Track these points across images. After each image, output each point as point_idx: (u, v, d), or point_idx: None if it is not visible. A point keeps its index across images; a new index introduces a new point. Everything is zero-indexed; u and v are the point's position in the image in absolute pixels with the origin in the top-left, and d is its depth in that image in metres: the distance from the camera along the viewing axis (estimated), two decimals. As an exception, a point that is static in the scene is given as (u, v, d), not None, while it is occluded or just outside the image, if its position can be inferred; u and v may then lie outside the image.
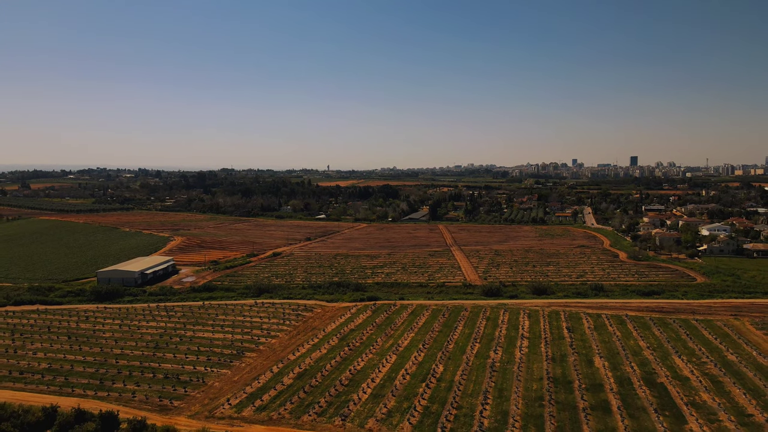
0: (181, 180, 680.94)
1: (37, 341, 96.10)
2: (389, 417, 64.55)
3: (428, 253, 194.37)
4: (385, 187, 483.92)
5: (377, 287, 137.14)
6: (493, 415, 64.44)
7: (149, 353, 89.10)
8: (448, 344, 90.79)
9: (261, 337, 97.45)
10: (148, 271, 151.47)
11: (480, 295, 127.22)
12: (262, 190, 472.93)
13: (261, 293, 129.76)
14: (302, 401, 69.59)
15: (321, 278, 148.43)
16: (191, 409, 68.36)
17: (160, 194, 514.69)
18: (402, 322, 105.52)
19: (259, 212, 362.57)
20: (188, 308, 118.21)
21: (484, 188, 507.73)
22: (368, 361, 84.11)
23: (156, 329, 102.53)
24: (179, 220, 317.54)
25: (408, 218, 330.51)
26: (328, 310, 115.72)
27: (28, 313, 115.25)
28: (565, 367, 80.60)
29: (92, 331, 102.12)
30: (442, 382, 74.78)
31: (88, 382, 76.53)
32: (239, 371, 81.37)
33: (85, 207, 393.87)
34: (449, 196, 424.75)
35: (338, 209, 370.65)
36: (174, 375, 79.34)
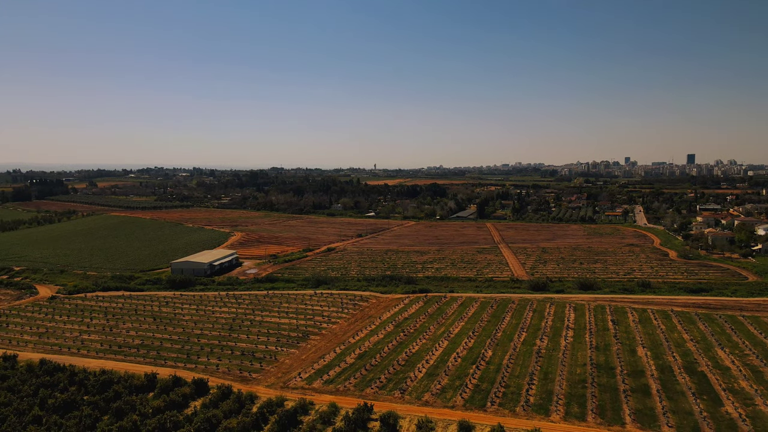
0: (234, 179, 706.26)
1: (127, 322, 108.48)
2: (443, 392, 71.85)
3: (476, 250, 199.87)
4: (433, 185, 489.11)
5: (428, 281, 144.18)
6: (539, 394, 70.65)
7: (225, 334, 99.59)
8: (496, 332, 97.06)
9: (322, 322, 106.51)
10: (215, 263, 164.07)
11: (527, 289, 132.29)
12: (312, 188, 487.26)
13: (319, 284, 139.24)
14: (364, 377, 77.79)
15: (374, 272, 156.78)
16: (268, 380, 77.71)
17: (216, 192, 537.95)
18: (452, 312, 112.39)
19: (311, 210, 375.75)
20: (254, 296, 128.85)
21: (532, 187, 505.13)
22: (422, 345, 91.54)
23: (228, 314, 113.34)
24: (236, 216, 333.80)
25: (456, 216, 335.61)
26: (382, 301, 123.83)
27: (116, 298, 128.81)
28: (608, 355, 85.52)
29: (173, 314, 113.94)
30: (491, 365, 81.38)
31: (177, 356, 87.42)
32: (306, 351, 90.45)
33: (149, 204, 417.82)
34: (496, 195, 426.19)
35: (387, 207, 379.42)
36: (249, 352, 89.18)
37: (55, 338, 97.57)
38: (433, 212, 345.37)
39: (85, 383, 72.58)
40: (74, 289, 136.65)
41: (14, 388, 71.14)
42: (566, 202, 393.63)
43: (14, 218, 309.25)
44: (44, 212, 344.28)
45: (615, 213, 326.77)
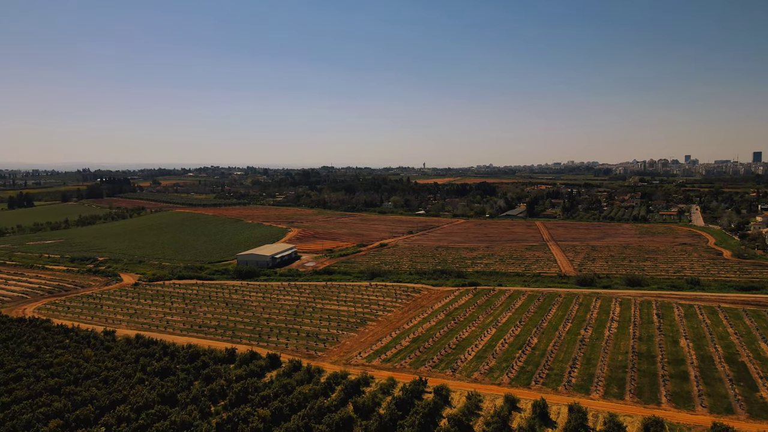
0: (287, 177, 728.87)
1: (203, 306, 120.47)
2: (491, 372, 78.71)
3: (525, 247, 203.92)
4: (482, 184, 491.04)
5: (477, 275, 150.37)
6: (580, 376, 76.38)
7: (291, 318, 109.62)
8: (542, 323, 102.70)
9: (378, 310, 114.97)
10: (277, 256, 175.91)
11: (574, 284, 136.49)
12: (363, 186, 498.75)
13: (373, 277, 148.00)
14: (418, 358, 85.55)
15: (425, 266, 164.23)
16: (331, 358, 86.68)
17: (270, 190, 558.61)
18: (500, 303, 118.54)
19: (363, 207, 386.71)
20: (314, 286, 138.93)
21: (584, 186, 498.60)
22: (471, 332, 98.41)
23: (292, 301, 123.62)
24: (291, 214, 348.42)
25: (505, 215, 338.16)
26: (433, 293, 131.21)
27: (190, 286, 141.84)
28: (650, 345, 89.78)
29: (242, 300, 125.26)
30: (536, 350, 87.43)
31: (250, 336, 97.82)
32: (364, 335, 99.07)
33: (209, 201, 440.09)
34: (547, 194, 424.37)
35: (437, 205, 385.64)
36: (314, 334, 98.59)
37: (143, 318, 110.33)
38: (483, 211, 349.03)
39: (176, 354, 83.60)
40: (153, 277, 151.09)
41: (118, 356, 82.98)
42: (619, 202, 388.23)
43: (90, 214, 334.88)
44: (116, 209, 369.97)
45: (670, 212, 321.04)
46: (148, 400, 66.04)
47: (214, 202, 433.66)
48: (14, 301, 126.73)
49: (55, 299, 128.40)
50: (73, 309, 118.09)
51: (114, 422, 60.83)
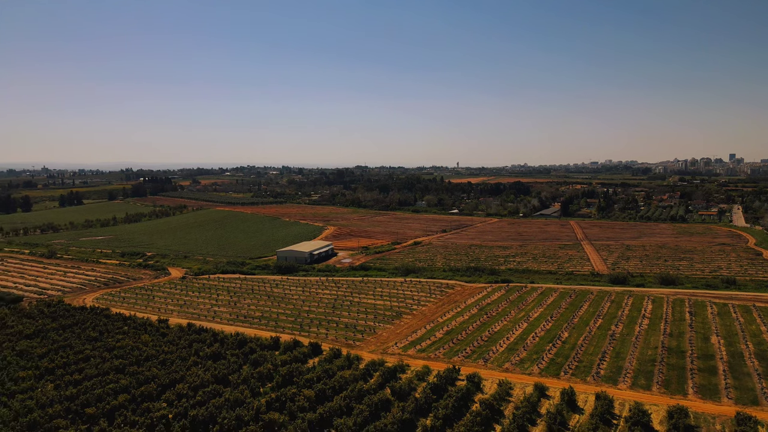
0: (321, 176, 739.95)
1: (246, 298, 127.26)
2: (521, 362, 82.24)
3: (558, 246, 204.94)
4: (516, 183, 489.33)
5: (509, 272, 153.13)
6: (609, 368, 79.15)
7: (329, 311, 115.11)
8: (573, 318, 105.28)
9: (413, 305, 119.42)
10: (314, 252, 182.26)
11: (606, 282, 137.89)
12: (397, 186, 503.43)
13: (408, 273, 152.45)
14: (452, 348, 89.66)
15: (458, 263, 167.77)
16: (369, 347, 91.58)
17: (306, 189, 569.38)
18: (532, 300, 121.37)
19: (396, 206, 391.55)
20: (351, 282, 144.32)
21: (620, 185, 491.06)
22: (503, 326, 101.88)
23: (330, 295, 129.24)
24: (326, 212, 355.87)
25: (539, 214, 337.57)
26: (466, 289, 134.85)
27: (233, 280, 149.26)
28: (680, 341, 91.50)
29: (283, 294, 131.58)
30: (566, 344, 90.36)
31: (292, 326, 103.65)
32: (400, 327, 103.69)
33: (247, 200, 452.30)
34: (582, 193, 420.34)
35: (470, 204, 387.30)
36: (352, 326, 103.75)
37: (192, 309, 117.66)
38: (516, 210, 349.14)
39: (225, 341, 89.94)
40: (199, 271, 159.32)
41: (173, 342, 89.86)
42: (656, 201, 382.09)
43: (136, 212, 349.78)
44: (159, 206, 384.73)
45: (709, 212, 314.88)
46: (204, 380, 72.24)
47: (252, 201, 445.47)
48: (74, 291, 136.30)
49: (110, 290, 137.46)
50: (127, 299, 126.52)
51: (174, 398, 67.13)
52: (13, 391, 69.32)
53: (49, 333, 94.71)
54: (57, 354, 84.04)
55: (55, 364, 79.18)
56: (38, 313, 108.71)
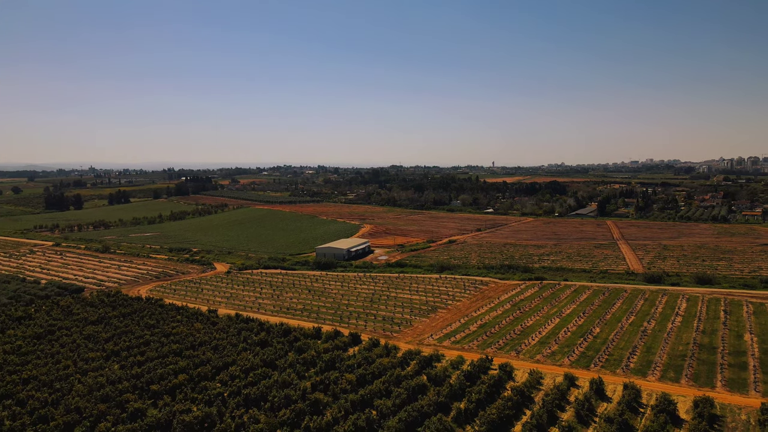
0: (357, 176, 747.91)
1: (288, 292, 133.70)
2: (553, 355, 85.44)
3: (593, 245, 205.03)
4: (552, 183, 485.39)
5: (543, 270, 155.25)
6: (639, 362, 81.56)
7: (367, 304, 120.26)
8: (605, 314, 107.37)
9: (448, 300, 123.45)
10: (352, 249, 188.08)
11: (641, 281, 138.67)
12: (432, 185, 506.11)
13: (443, 270, 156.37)
14: (485, 341, 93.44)
15: (493, 261, 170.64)
16: (405, 338, 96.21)
17: (341, 189, 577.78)
18: (565, 297, 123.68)
19: (431, 206, 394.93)
20: (387, 278, 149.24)
21: (660, 185, 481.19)
22: (535, 321, 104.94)
23: (367, 290, 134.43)
24: (362, 211, 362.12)
25: (575, 214, 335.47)
26: (500, 285, 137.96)
27: (275, 275, 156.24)
28: (713, 338, 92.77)
29: (323, 288, 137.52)
30: (598, 339, 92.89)
31: (333, 318, 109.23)
32: (435, 320, 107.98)
33: (285, 199, 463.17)
34: (620, 193, 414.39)
35: (505, 204, 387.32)
36: (389, 319, 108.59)
37: (238, 300, 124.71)
38: (552, 209, 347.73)
39: (271, 330, 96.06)
40: (242, 266, 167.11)
41: (223, 330, 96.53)
42: (698, 201, 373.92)
43: (180, 210, 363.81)
44: (201, 205, 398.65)
45: (753, 213, 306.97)
46: (253, 363, 78.29)
47: (290, 200, 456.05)
48: (129, 283, 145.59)
49: (161, 283, 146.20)
50: (178, 291, 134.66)
51: (228, 379, 73.31)
52: (85, 370, 76.84)
53: (111, 320, 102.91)
54: (120, 338, 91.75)
55: (119, 347, 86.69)
56: (99, 302, 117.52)
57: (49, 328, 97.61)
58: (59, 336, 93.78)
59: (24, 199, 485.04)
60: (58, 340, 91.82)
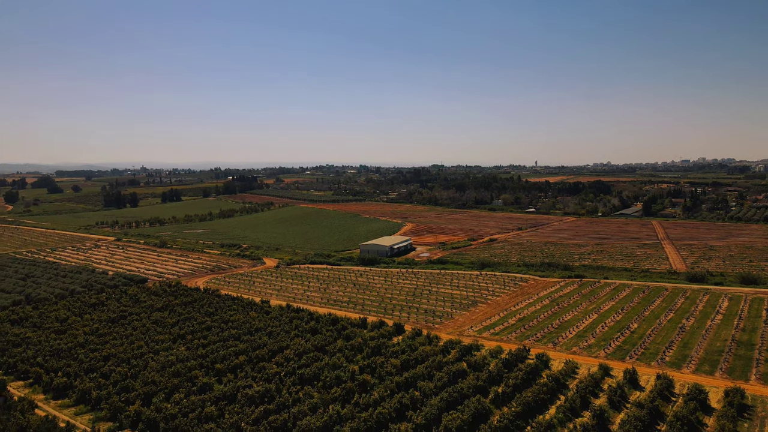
0: (398, 175, 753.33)
1: (334, 285, 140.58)
2: (589, 348, 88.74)
3: (637, 245, 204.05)
4: (597, 182, 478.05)
5: (583, 268, 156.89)
6: (674, 356, 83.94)
7: (410, 298, 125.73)
8: (644, 311, 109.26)
9: (487, 295, 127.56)
10: (395, 247, 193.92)
11: (683, 280, 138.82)
12: (473, 184, 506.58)
13: (483, 267, 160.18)
14: (523, 333, 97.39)
15: (533, 259, 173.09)
16: (446, 330, 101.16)
17: (383, 188, 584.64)
18: (604, 294, 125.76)
19: (473, 205, 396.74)
20: (429, 274, 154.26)
21: (711, 185, 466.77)
22: (573, 316, 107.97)
23: (410, 285, 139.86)
24: (404, 210, 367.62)
25: (619, 213, 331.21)
26: (540, 282, 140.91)
27: (321, 270, 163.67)
28: (752, 335, 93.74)
29: (367, 283, 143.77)
30: (635, 334, 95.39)
31: (377, 310, 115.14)
32: (475, 313, 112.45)
33: (328, 198, 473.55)
34: (667, 193, 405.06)
35: (547, 203, 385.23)
36: (430, 311, 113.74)
37: (288, 293, 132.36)
38: (595, 209, 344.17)
39: (320, 319, 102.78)
40: (290, 262, 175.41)
41: (276, 318, 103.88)
42: (750, 201, 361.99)
43: (229, 208, 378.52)
44: (248, 203, 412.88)
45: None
46: (305, 348, 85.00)
47: (333, 199, 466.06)
48: (186, 275, 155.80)
49: (216, 276, 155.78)
50: (232, 283, 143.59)
51: (283, 361, 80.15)
52: (156, 350, 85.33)
53: (175, 307, 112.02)
54: (184, 324, 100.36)
55: (184, 331, 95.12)
56: (162, 291, 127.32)
57: (121, 314, 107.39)
58: (130, 320, 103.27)
59: (84, 197, 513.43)
60: (129, 324, 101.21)
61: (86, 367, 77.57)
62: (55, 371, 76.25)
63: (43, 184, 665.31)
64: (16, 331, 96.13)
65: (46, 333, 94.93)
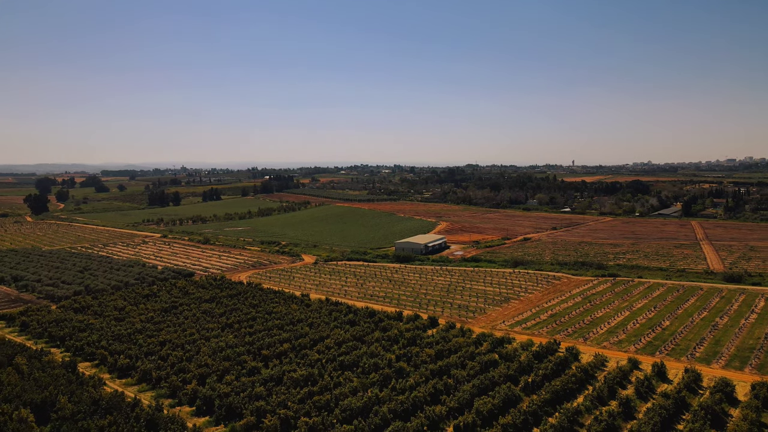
0: (432, 175, 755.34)
1: (371, 281, 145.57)
2: (619, 343, 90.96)
3: (674, 245, 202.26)
4: (635, 182, 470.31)
5: (617, 268, 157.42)
6: (705, 352, 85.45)
7: (444, 294, 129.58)
8: (677, 310, 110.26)
9: (520, 292, 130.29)
10: (429, 245, 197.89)
11: (720, 280, 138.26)
12: (508, 184, 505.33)
13: (517, 265, 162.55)
14: (554, 329, 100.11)
15: (567, 258, 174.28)
16: (479, 323, 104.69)
17: (418, 187, 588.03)
18: (638, 293, 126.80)
19: (507, 204, 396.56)
20: (463, 271, 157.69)
21: (756, 185, 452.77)
22: (605, 313, 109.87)
23: (444, 282, 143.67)
24: (438, 209, 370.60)
25: (657, 214, 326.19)
26: (572, 281, 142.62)
27: (358, 266, 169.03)
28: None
29: (402, 279, 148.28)
30: (666, 331, 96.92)
31: (412, 304, 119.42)
32: (507, 309, 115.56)
33: (363, 197, 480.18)
34: (708, 193, 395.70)
35: (583, 203, 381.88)
36: (464, 306, 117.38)
37: (326, 287, 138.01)
38: (632, 209, 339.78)
39: (357, 312, 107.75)
40: (328, 258, 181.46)
41: (316, 311, 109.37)
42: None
43: (267, 207, 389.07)
44: (285, 202, 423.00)
45: None
46: (344, 338, 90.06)
47: (368, 198, 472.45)
48: (230, 270, 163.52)
49: (257, 271, 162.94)
50: (272, 278, 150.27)
51: (324, 349, 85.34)
52: (207, 337, 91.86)
53: (221, 299, 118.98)
54: (230, 314, 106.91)
55: (231, 320, 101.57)
56: (208, 284, 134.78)
57: (173, 304, 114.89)
58: (182, 310, 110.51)
59: (129, 196, 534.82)
60: (181, 313, 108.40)
61: (145, 351, 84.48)
62: (118, 354, 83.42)
63: (91, 183, 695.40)
64: (80, 318, 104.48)
65: (107, 320, 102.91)
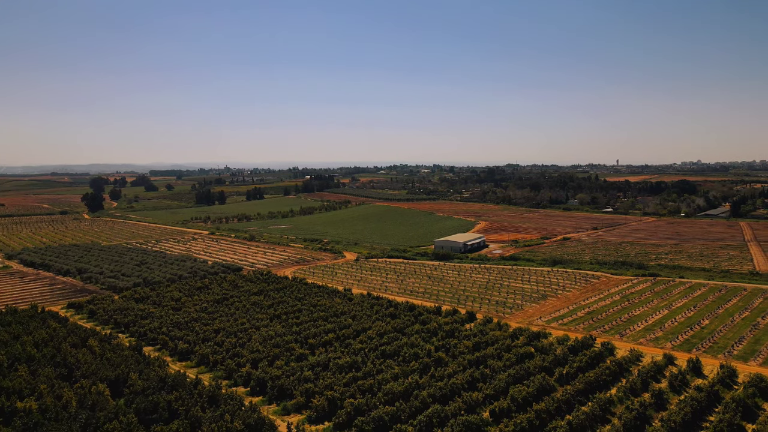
0: (472, 175, 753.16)
1: (410, 278, 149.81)
2: (656, 340, 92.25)
3: (719, 246, 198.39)
4: (681, 182, 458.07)
5: (658, 268, 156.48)
6: (743, 350, 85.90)
7: (482, 291, 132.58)
8: (717, 309, 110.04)
9: (558, 290, 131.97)
10: (468, 243, 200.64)
11: (765, 281, 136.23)
12: (549, 184, 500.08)
13: (555, 264, 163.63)
14: (591, 325, 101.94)
15: (606, 258, 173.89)
16: (516, 319, 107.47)
17: (457, 187, 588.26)
18: (678, 292, 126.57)
19: (547, 204, 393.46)
20: (501, 269, 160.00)
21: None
22: (643, 311, 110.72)
23: (482, 279, 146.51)
24: (477, 209, 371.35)
25: (703, 214, 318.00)
26: (611, 280, 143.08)
27: (398, 263, 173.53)
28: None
29: (441, 276, 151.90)
30: (705, 330, 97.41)
31: (450, 300, 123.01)
32: (545, 306, 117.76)
33: (402, 197, 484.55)
34: (760, 193, 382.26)
35: (626, 203, 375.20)
36: (501, 303, 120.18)
37: (367, 283, 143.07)
38: (677, 209, 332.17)
39: (398, 306, 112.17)
40: (368, 255, 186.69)
41: (358, 304, 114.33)
42: None
43: (308, 206, 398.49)
44: (326, 201, 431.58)
45: None
46: (386, 329, 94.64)
47: (407, 197, 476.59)
48: (275, 266, 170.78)
49: (301, 267, 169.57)
50: (316, 274, 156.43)
51: (366, 339, 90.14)
52: (257, 326, 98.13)
53: (269, 292, 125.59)
54: (278, 306, 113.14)
55: (279, 312, 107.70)
56: (256, 279, 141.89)
57: (224, 296, 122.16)
58: (232, 302, 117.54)
59: (177, 195, 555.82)
60: (232, 305, 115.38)
61: (202, 338, 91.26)
62: (178, 339, 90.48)
63: (141, 182, 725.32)
64: (141, 306, 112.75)
65: (165, 309, 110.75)
